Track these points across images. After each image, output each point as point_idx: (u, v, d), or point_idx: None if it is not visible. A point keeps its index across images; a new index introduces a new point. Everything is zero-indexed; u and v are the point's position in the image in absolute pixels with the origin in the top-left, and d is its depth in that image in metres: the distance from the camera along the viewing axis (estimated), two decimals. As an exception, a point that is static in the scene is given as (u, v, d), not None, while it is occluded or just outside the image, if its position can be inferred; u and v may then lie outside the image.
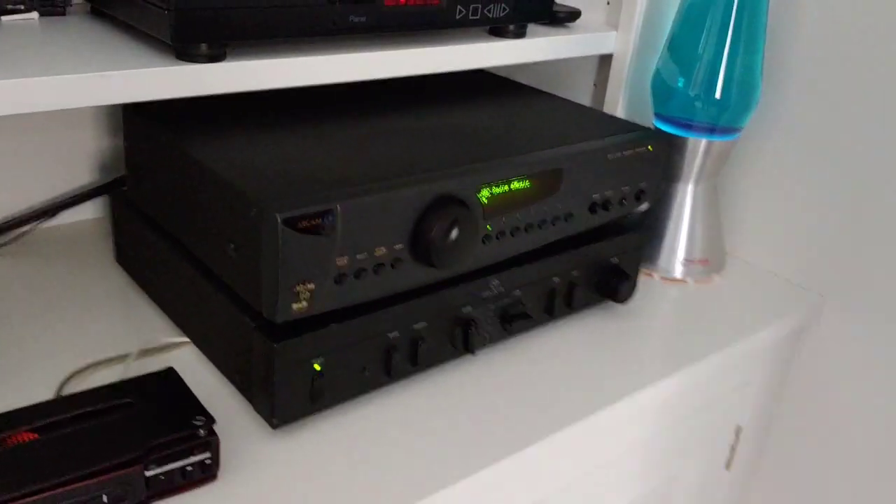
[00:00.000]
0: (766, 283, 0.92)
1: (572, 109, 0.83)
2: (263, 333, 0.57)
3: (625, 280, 0.79)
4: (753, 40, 0.83)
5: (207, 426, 0.53)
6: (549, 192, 0.70)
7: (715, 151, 0.87)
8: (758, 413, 0.94)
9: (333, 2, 0.66)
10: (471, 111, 0.79)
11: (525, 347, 0.74)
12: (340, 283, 0.58)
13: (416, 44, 0.75)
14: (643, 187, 0.78)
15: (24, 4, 0.70)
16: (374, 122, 0.73)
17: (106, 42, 0.65)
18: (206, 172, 0.60)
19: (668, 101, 0.87)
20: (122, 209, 0.76)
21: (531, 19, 0.83)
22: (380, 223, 0.58)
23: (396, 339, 0.63)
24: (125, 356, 0.66)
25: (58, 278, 0.78)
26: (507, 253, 0.69)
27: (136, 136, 0.71)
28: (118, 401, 0.54)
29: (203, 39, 0.61)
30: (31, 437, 0.51)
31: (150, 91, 0.60)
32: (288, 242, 0.53)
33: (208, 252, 0.63)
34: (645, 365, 0.74)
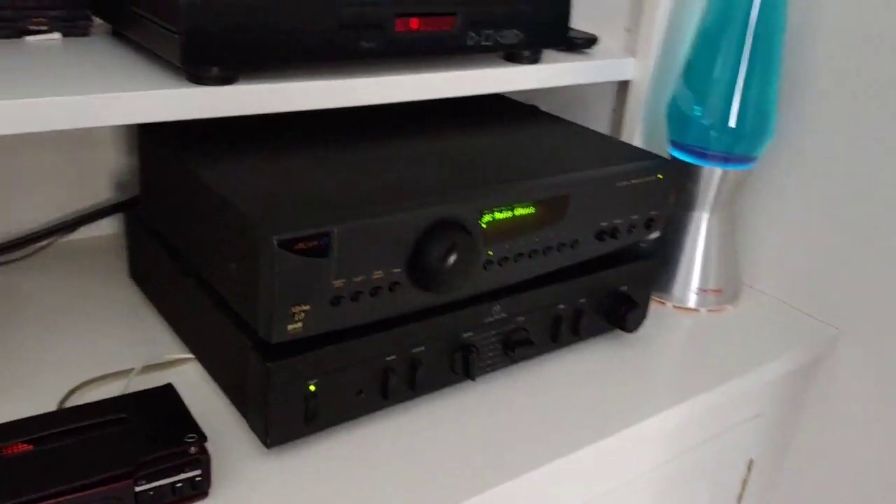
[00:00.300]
0: (781, 314, 0.91)
1: (585, 136, 0.83)
2: (259, 352, 0.58)
3: (633, 308, 0.78)
4: (769, 69, 0.82)
5: (199, 443, 0.54)
6: (554, 219, 0.69)
7: (730, 180, 0.87)
8: (770, 446, 0.93)
9: (344, 27, 0.67)
10: (481, 136, 0.80)
11: (528, 374, 0.74)
12: (337, 305, 0.58)
13: (428, 69, 0.76)
14: (653, 216, 0.78)
15: (48, 25, 0.72)
16: (381, 145, 0.74)
17: (123, 63, 0.67)
18: (211, 193, 0.61)
19: (684, 130, 0.86)
20: (136, 226, 0.78)
21: (545, 45, 0.83)
22: (378, 246, 0.59)
23: (394, 363, 0.64)
24: (129, 371, 0.67)
25: (73, 292, 0.80)
26: (510, 279, 0.69)
27: (149, 156, 0.73)
28: (114, 415, 0.55)
29: (213, 63, 0.62)
30: (26, 448, 0.52)
31: (160, 112, 0.61)
32: (283, 263, 0.54)
33: (212, 270, 0.64)
34: (653, 393, 0.73)
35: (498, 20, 0.77)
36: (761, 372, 0.81)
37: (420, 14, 0.72)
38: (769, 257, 0.94)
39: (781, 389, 0.89)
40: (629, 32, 0.96)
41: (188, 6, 0.59)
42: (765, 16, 0.81)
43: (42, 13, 0.72)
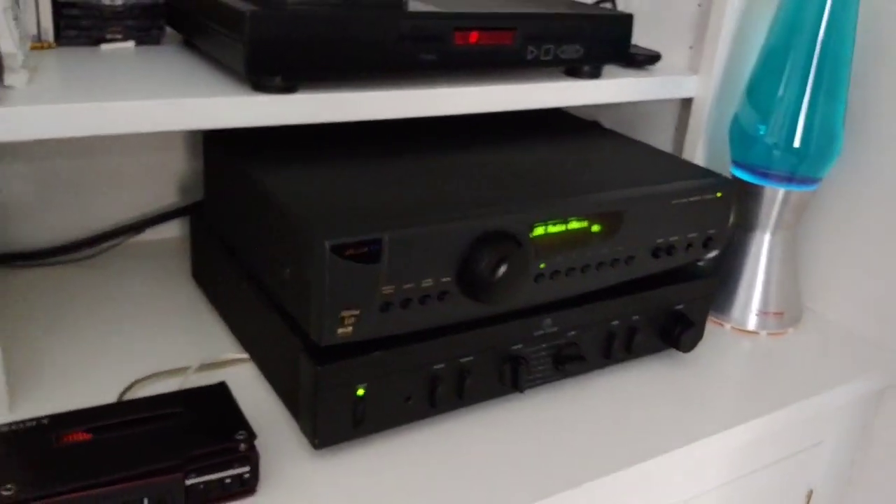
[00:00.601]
0: (844, 340, 0.88)
1: (644, 152, 0.83)
2: (309, 355, 0.59)
3: (689, 328, 0.77)
4: (836, 88, 0.80)
5: (249, 441, 0.55)
6: (608, 234, 0.69)
7: (793, 201, 0.85)
8: (831, 476, 0.90)
9: (403, 40, 0.68)
10: (537, 150, 0.80)
11: (578, 390, 0.74)
12: (386, 312, 0.59)
13: (487, 82, 0.76)
14: (712, 234, 0.77)
15: (122, 34, 0.76)
16: (437, 156, 0.75)
17: (191, 72, 0.69)
18: (268, 198, 0.63)
19: (746, 149, 0.85)
20: (199, 229, 0.81)
21: (606, 61, 0.83)
22: (428, 255, 0.59)
23: (442, 371, 0.64)
24: (186, 368, 0.69)
25: (138, 290, 0.83)
26: (562, 293, 0.69)
27: (213, 161, 0.75)
28: (168, 410, 0.57)
29: (276, 72, 0.64)
30: (85, 437, 0.54)
31: (224, 119, 0.63)
32: (334, 268, 0.55)
33: (268, 274, 0.66)
34: (707, 416, 0.72)
35: (558, 35, 0.77)
36: (823, 399, 0.79)
37: (480, 28, 0.73)
38: (833, 281, 0.92)
39: (845, 418, 0.86)
40: (693, 50, 0.95)
41: (253, 18, 0.61)
42: (833, 34, 0.79)
43: (118, 23, 0.75)
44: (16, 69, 0.60)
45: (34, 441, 0.53)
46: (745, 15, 0.88)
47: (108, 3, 0.74)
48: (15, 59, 0.59)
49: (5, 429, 0.54)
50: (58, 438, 0.53)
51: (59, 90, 0.60)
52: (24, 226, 0.87)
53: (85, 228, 0.90)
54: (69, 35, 0.74)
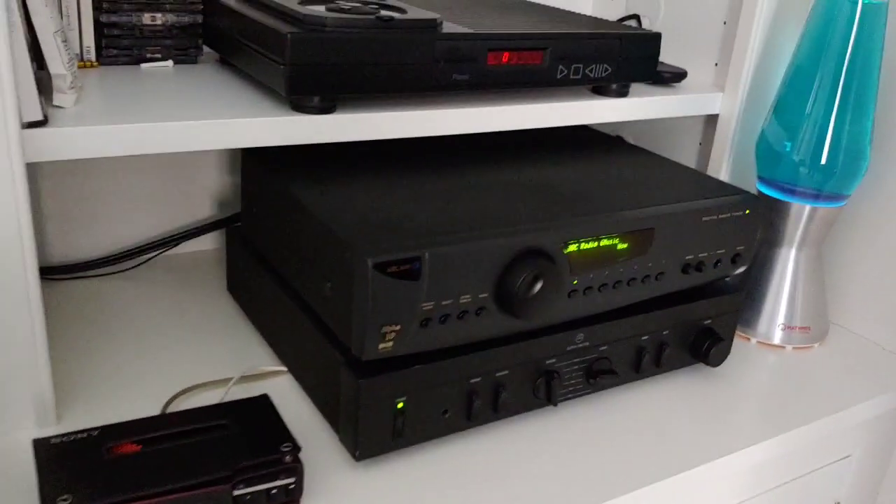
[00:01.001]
0: (870, 354, 0.89)
1: (671, 169, 0.84)
2: (351, 369, 0.60)
3: (718, 343, 0.78)
4: (863, 105, 0.81)
5: (294, 453, 0.57)
6: (639, 251, 0.70)
7: (819, 217, 0.86)
8: (858, 489, 0.90)
9: (438, 61, 0.70)
10: (567, 167, 0.81)
11: (609, 403, 0.75)
12: (426, 327, 0.60)
13: (518, 100, 0.78)
14: (739, 251, 0.78)
15: (161, 53, 0.78)
16: (471, 174, 0.76)
17: (230, 90, 0.71)
18: (310, 215, 0.64)
19: (773, 165, 0.86)
20: (236, 243, 0.82)
21: (634, 79, 0.84)
22: (466, 272, 0.61)
23: (478, 385, 0.65)
24: (227, 380, 0.71)
25: (174, 303, 0.85)
26: (594, 308, 0.70)
27: (252, 178, 0.77)
28: (214, 422, 0.59)
29: (315, 92, 0.66)
30: (135, 448, 0.55)
31: (265, 138, 0.65)
32: (377, 285, 0.57)
33: (307, 289, 0.67)
34: (734, 430, 0.73)
35: (588, 54, 0.79)
36: (850, 413, 0.80)
37: (512, 48, 0.74)
38: (859, 297, 0.92)
39: (871, 432, 0.87)
40: (718, 67, 0.97)
41: (295, 41, 0.63)
42: (861, 51, 0.80)
43: (158, 42, 0.77)
44: (64, 90, 0.62)
45: (86, 453, 0.55)
46: (771, 32, 0.89)
47: (148, 23, 0.76)
48: (64, 80, 0.61)
49: (57, 440, 0.56)
50: (108, 450, 0.55)
51: (105, 110, 0.62)
52: (61, 239, 0.89)
53: (121, 242, 0.92)
54: (111, 54, 0.76)
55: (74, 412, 0.66)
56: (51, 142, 0.57)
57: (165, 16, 0.76)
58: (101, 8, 0.73)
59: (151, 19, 0.76)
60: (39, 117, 0.56)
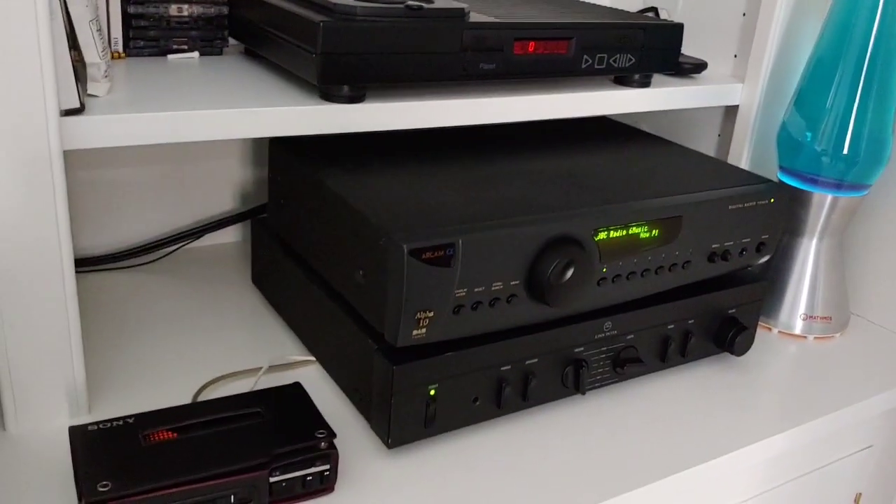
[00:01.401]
0: (892, 344, 0.89)
1: (695, 158, 0.84)
2: (384, 356, 0.60)
3: (742, 332, 0.78)
4: (886, 94, 0.82)
5: (328, 440, 0.57)
6: (667, 239, 0.71)
7: (841, 207, 0.86)
8: (880, 479, 0.91)
9: (465, 50, 0.70)
10: (593, 156, 0.81)
11: (636, 392, 0.75)
12: (458, 314, 0.60)
13: (543, 90, 0.78)
14: (764, 240, 0.78)
15: (188, 45, 0.78)
16: (499, 162, 0.76)
17: (257, 81, 0.71)
18: (342, 203, 0.65)
19: (794, 155, 0.86)
20: (261, 234, 0.83)
21: (656, 70, 0.84)
22: (498, 259, 0.61)
23: (508, 373, 0.66)
24: (256, 370, 0.71)
25: (199, 295, 0.85)
26: (622, 297, 0.70)
27: (280, 168, 0.77)
28: (248, 409, 0.59)
29: (345, 81, 0.66)
30: (171, 435, 0.56)
31: (296, 127, 0.65)
32: (412, 271, 0.57)
33: (338, 277, 0.68)
34: (758, 419, 0.73)
35: (612, 45, 0.79)
36: (871, 403, 0.80)
37: (538, 38, 0.74)
38: (881, 287, 0.93)
39: (893, 422, 0.87)
40: (738, 58, 0.97)
41: (326, 30, 0.63)
42: (883, 41, 0.80)
43: (184, 34, 0.77)
44: (98, 79, 0.62)
45: (122, 440, 0.55)
46: (791, 23, 0.89)
47: (174, 14, 0.76)
48: (99, 68, 0.61)
49: (94, 428, 0.56)
50: (145, 437, 0.55)
51: (137, 100, 0.62)
52: (86, 231, 0.89)
53: (143, 235, 0.92)
54: (137, 45, 0.76)
55: (105, 402, 0.66)
56: (87, 129, 0.57)
57: (192, 7, 0.76)
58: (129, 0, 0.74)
59: (178, 11, 0.76)
60: (76, 105, 0.56)
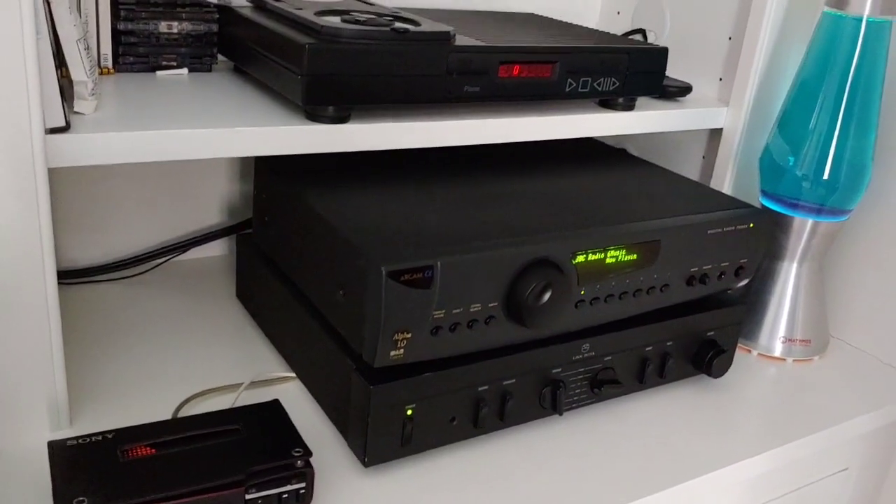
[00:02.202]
0: (870, 368, 0.90)
1: (676, 182, 0.85)
2: (362, 375, 0.61)
3: (720, 355, 0.79)
4: (866, 122, 0.83)
5: (305, 458, 0.58)
6: (645, 263, 0.71)
7: (821, 232, 0.87)
8: (856, 502, 0.91)
9: (450, 73, 0.71)
10: (575, 178, 0.82)
11: (613, 413, 0.76)
12: (436, 335, 0.61)
13: (528, 112, 0.79)
14: (743, 264, 0.79)
15: (177, 61, 0.79)
16: (482, 183, 0.77)
17: (244, 99, 0.72)
18: (324, 223, 0.65)
19: (776, 180, 0.87)
20: (246, 249, 0.83)
21: (640, 94, 0.85)
22: (476, 281, 0.62)
23: (486, 393, 0.66)
24: (237, 385, 0.72)
25: (183, 308, 0.86)
26: (600, 319, 0.71)
27: (265, 186, 0.78)
28: (227, 426, 0.59)
29: (330, 102, 0.67)
30: (150, 451, 0.56)
31: (281, 147, 0.66)
32: (390, 293, 0.58)
33: (319, 295, 0.68)
34: (735, 441, 0.74)
35: (596, 68, 0.80)
36: (849, 426, 0.81)
37: (522, 61, 0.75)
38: (860, 310, 0.94)
39: (869, 445, 0.88)
40: (723, 81, 0.98)
41: (312, 52, 0.64)
42: (864, 69, 0.81)
43: (173, 50, 0.78)
44: (85, 97, 0.63)
45: (101, 455, 0.55)
46: (776, 48, 0.90)
47: (164, 31, 0.77)
48: (85, 87, 0.62)
49: (72, 443, 0.57)
50: (123, 453, 0.56)
51: (124, 117, 0.63)
52: (73, 242, 0.90)
53: (129, 247, 0.93)
54: (127, 61, 0.77)
55: (86, 416, 0.67)
56: (72, 147, 0.58)
57: (182, 24, 0.77)
58: (119, 16, 0.74)
59: (168, 27, 0.77)
60: (62, 123, 0.57)
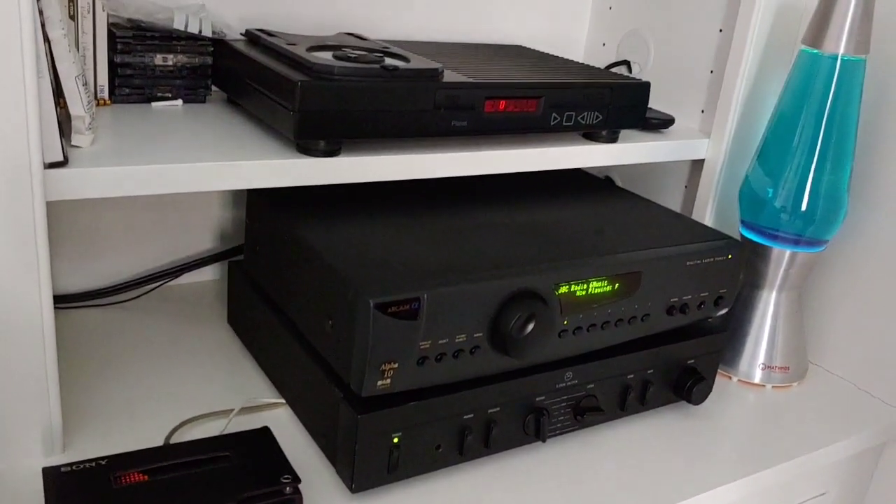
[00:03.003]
0: (847, 395, 0.92)
1: (657, 214, 0.87)
2: (349, 404, 0.63)
3: (700, 382, 0.81)
4: (842, 156, 0.85)
5: (294, 485, 0.59)
6: (626, 293, 0.74)
7: (799, 262, 0.89)
8: (833, 527, 0.93)
9: (438, 108, 0.73)
10: (560, 210, 0.85)
11: (596, 439, 0.78)
12: (422, 365, 0.63)
13: (514, 144, 0.81)
14: (722, 294, 0.81)
15: (172, 93, 0.81)
16: (469, 215, 0.79)
17: (238, 131, 0.74)
18: (313, 255, 0.67)
19: (756, 211, 0.90)
20: (237, 277, 0.85)
21: (623, 126, 0.88)
22: (462, 312, 0.64)
23: (471, 421, 0.68)
24: (228, 411, 0.73)
25: (175, 334, 0.87)
26: (583, 348, 0.73)
27: (257, 215, 0.80)
28: (218, 453, 0.61)
29: (322, 137, 0.69)
30: (142, 478, 0.58)
31: (273, 180, 0.68)
32: (378, 324, 0.59)
33: (308, 325, 0.70)
34: (715, 466, 0.76)
35: (580, 103, 0.83)
36: (827, 452, 0.83)
37: (508, 97, 0.78)
38: (838, 338, 0.96)
39: (847, 470, 0.90)
40: (705, 113, 1.01)
41: (304, 88, 0.66)
42: (840, 104, 0.84)
43: (168, 82, 0.80)
44: (83, 131, 0.64)
45: (95, 481, 0.57)
46: (756, 82, 0.93)
47: (160, 63, 0.79)
48: (83, 121, 0.64)
49: (66, 469, 0.58)
50: (117, 479, 0.57)
51: (120, 151, 0.65)
52: (67, 268, 0.91)
53: (122, 273, 0.95)
54: (123, 93, 0.78)
55: (79, 441, 0.68)
56: (70, 182, 0.59)
57: (177, 57, 0.79)
58: (116, 49, 0.76)
59: (163, 60, 0.79)
60: (60, 158, 0.59)
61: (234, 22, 0.91)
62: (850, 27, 0.82)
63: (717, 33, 0.98)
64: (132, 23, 0.78)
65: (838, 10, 0.82)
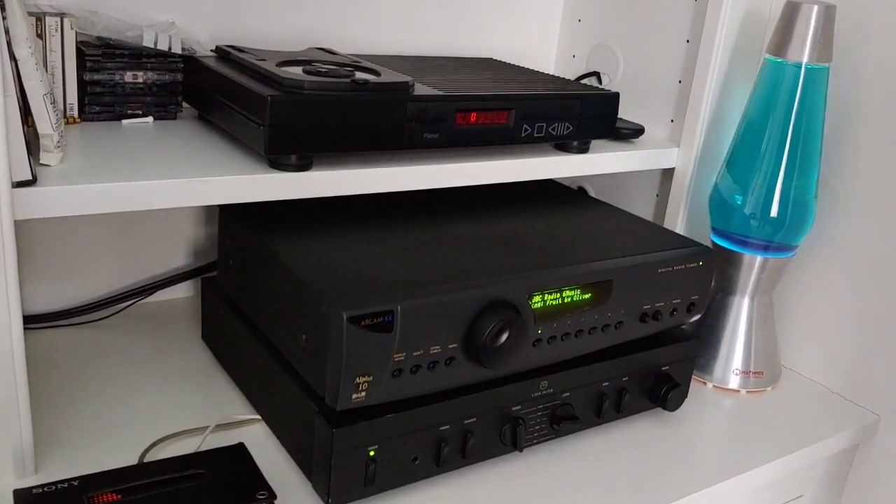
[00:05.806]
0: (820, 398, 0.93)
1: (629, 222, 0.88)
2: (324, 418, 0.63)
3: (675, 388, 0.82)
4: (808, 162, 0.87)
5: (269, 501, 0.59)
6: (599, 302, 0.74)
7: (770, 267, 0.91)
8: (810, 529, 0.94)
9: (410, 121, 0.74)
10: (532, 220, 0.85)
11: (572, 448, 0.78)
12: (397, 377, 0.63)
13: (485, 157, 0.82)
14: (694, 300, 0.82)
15: (142, 110, 0.80)
16: (442, 227, 0.80)
17: (208, 147, 0.74)
18: (286, 270, 0.67)
19: (726, 218, 0.91)
20: (211, 293, 0.85)
21: (594, 137, 0.89)
22: (436, 324, 0.64)
23: (447, 432, 0.68)
24: (203, 429, 0.73)
25: (149, 351, 0.86)
26: (558, 357, 0.74)
27: (229, 231, 0.80)
28: (192, 470, 0.61)
29: (292, 151, 0.69)
30: (115, 497, 0.57)
31: (244, 195, 0.68)
32: (351, 338, 0.59)
33: (282, 340, 0.70)
34: (692, 472, 0.76)
35: (550, 114, 0.83)
36: (801, 455, 0.83)
37: (479, 109, 0.78)
38: (810, 342, 0.97)
39: (823, 472, 0.91)
40: (674, 123, 1.02)
41: (274, 103, 0.66)
42: (805, 112, 0.86)
43: (138, 99, 0.80)
44: (51, 149, 0.64)
45: (68, 502, 0.56)
46: (723, 91, 0.95)
47: (129, 80, 0.79)
48: (51, 139, 0.64)
49: (38, 490, 0.57)
50: (89, 500, 0.57)
51: (89, 169, 0.64)
52: (39, 287, 0.91)
53: (95, 291, 0.94)
54: (93, 111, 0.78)
55: (51, 462, 0.67)
56: (39, 200, 0.59)
57: (147, 74, 0.79)
58: (85, 66, 0.76)
59: (133, 77, 0.79)
60: (28, 177, 0.58)
61: (204, 39, 0.90)
62: (813, 36, 0.83)
63: (685, 44, 1.00)
64: (101, 41, 0.78)
65: (801, 19, 0.83)
